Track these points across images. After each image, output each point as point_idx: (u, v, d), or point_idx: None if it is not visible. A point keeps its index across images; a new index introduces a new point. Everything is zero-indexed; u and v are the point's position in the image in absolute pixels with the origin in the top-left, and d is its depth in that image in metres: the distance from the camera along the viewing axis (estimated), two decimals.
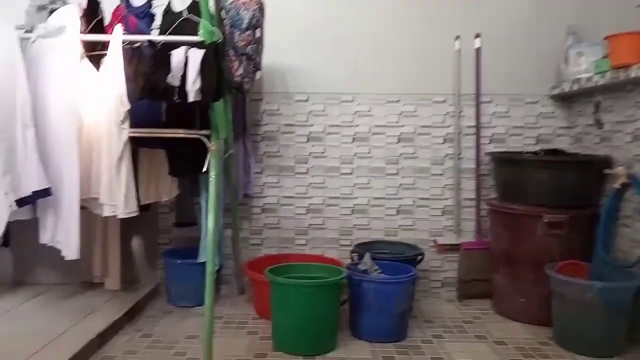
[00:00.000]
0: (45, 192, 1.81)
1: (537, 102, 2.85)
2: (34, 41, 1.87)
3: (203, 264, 2.39)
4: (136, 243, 2.81)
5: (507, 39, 2.83)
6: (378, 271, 2.38)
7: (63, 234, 1.87)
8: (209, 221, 2.11)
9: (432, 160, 2.87)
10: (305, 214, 2.90)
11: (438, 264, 2.88)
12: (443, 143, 2.87)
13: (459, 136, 2.84)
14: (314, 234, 2.90)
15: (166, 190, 2.41)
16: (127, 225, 2.60)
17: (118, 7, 2.25)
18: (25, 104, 1.79)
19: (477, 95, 2.84)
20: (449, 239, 2.87)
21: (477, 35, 2.82)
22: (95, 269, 2.61)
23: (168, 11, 2.24)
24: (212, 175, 2.10)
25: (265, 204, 2.89)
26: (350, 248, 2.74)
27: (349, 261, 2.62)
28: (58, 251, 1.99)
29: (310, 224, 2.90)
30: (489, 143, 2.85)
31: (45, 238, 1.90)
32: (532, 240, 2.39)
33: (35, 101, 1.84)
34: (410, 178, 2.87)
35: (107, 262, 2.59)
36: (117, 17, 2.22)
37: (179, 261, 2.61)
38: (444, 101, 2.86)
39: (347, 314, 2.30)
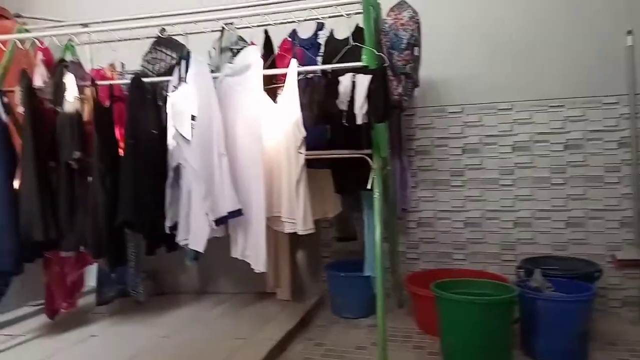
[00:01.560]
0: (237, 213, 2.05)
1: None
2: (222, 80, 2.13)
3: (366, 277, 2.50)
4: (301, 256, 3.01)
5: None
6: (551, 289, 2.25)
7: (252, 249, 2.09)
8: (376, 236, 2.20)
9: (605, 167, 2.63)
10: (462, 227, 2.85)
11: (617, 282, 2.62)
12: (618, 148, 2.62)
13: (637, 140, 2.57)
14: (473, 249, 2.83)
15: (331, 207, 2.55)
16: (294, 240, 2.81)
17: (284, 40, 2.46)
18: (220, 135, 2.05)
19: None
20: (630, 253, 2.59)
21: None
22: (269, 281, 2.84)
23: (330, 39, 2.39)
24: (376, 192, 2.18)
25: (421, 218, 2.91)
26: (515, 264, 2.62)
27: (514, 278, 2.51)
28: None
29: (468, 238, 2.84)
30: None
31: (236, 252, 2.14)
32: None
33: (226, 132, 2.09)
34: (580, 188, 2.67)
35: (278, 274, 2.82)
36: (284, 49, 2.42)
37: (342, 274, 2.74)
38: (616, 103, 2.61)
39: (518, 332, 2.21)
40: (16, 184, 2.18)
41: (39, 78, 2.28)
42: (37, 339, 2.48)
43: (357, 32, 2.17)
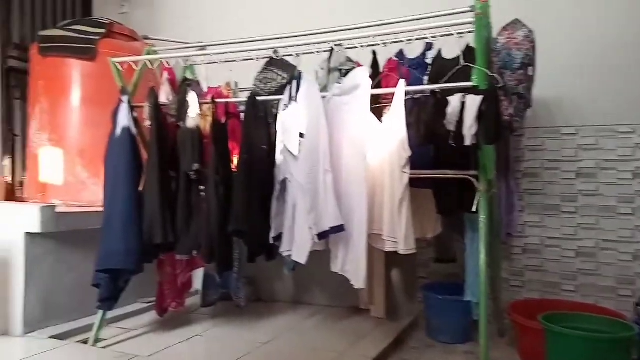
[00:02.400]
0: (339, 228, 2.09)
1: None
2: (330, 99, 2.20)
3: (466, 302, 2.42)
4: (397, 275, 2.99)
5: None
6: None
7: (352, 264, 2.12)
8: (480, 261, 2.13)
9: None
10: (573, 257, 2.66)
11: None
12: None
13: None
14: (585, 280, 2.64)
15: (431, 227, 2.51)
16: (390, 258, 2.79)
17: (390, 60, 2.48)
18: (326, 152, 2.11)
19: None
20: None
21: None
22: (363, 297, 2.86)
23: (438, 58, 2.38)
24: (482, 216, 2.12)
25: (527, 244, 2.77)
26: (633, 299, 2.40)
27: (632, 315, 2.30)
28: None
29: (579, 269, 2.65)
30: None
31: (336, 267, 2.18)
32: None
33: (331, 149, 2.15)
34: None
35: (373, 291, 2.82)
36: (390, 69, 2.45)
37: (440, 297, 2.68)
38: None
39: None
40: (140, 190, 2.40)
41: (164, 95, 2.51)
42: (147, 334, 2.68)
43: (467, 52, 2.13)
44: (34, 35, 3.56)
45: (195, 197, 2.37)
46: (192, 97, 2.35)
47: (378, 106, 2.25)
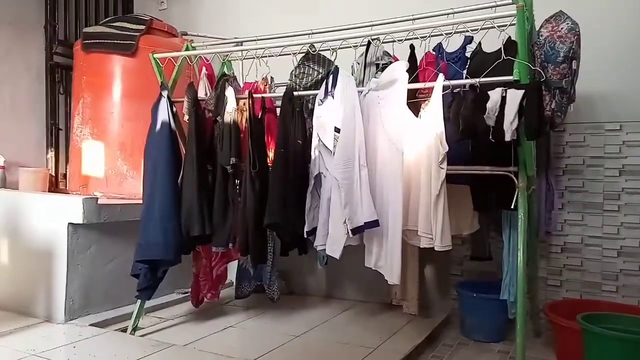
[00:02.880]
0: (374, 223, 2.08)
1: None
2: (366, 93, 2.19)
3: (501, 300, 2.38)
4: (430, 271, 2.96)
5: None
6: None
7: (386, 260, 2.11)
8: (518, 259, 2.09)
9: None
10: (615, 257, 2.58)
11: None
12: None
13: None
14: (628, 281, 2.55)
15: (467, 224, 2.47)
16: (424, 254, 2.77)
17: (428, 53, 2.44)
18: (362, 148, 2.11)
19: None
20: None
21: None
22: (395, 293, 2.84)
23: (478, 52, 2.33)
24: (521, 213, 2.07)
25: (566, 242, 2.69)
26: None
27: None
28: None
29: (622, 269, 2.57)
30: None
31: (370, 262, 2.18)
32: None
33: (367, 144, 2.14)
34: None
35: (406, 287, 2.81)
36: (428, 63, 2.41)
37: (474, 294, 2.64)
38: None
39: None
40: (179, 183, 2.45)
41: (203, 90, 2.55)
42: (183, 324, 2.75)
43: (509, 45, 2.08)
44: (78, 32, 3.67)
45: (232, 191, 2.41)
46: (229, 92, 2.38)
47: (415, 101, 2.22)
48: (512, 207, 2.08)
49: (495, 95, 1.97)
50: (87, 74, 3.24)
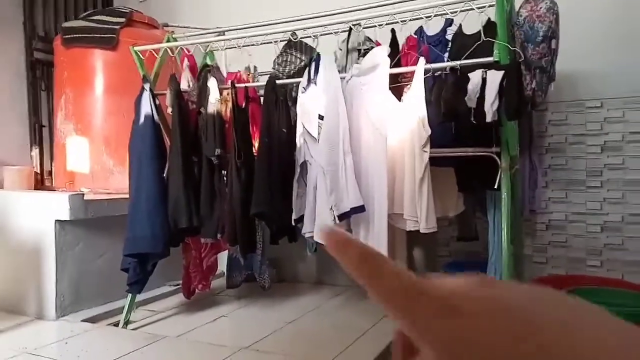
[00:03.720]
0: (360, 209, 2.11)
1: None
2: (349, 80, 2.20)
3: None
4: (418, 254, 3.00)
5: None
6: None
7: (373, 244, 2.13)
8: (502, 238, 2.12)
9: None
10: (599, 232, 2.63)
11: None
12: None
13: None
14: (611, 255, 2.60)
15: (452, 206, 2.50)
16: (411, 237, 2.80)
17: (410, 37, 2.45)
18: (345, 134, 2.12)
19: None
20: None
21: None
22: None
23: (458, 34, 2.34)
24: (504, 192, 2.10)
25: (551, 220, 2.74)
26: None
27: None
28: None
29: (605, 244, 2.62)
30: None
31: None
32: None
33: (350, 130, 2.15)
34: None
35: None
36: (410, 47, 2.42)
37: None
38: None
39: None
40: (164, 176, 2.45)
41: (185, 82, 2.53)
42: (175, 315, 2.76)
43: (488, 27, 2.09)
44: (58, 27, 3.62)
45: (218, 182, 2.41)
46: (212, 83, 2.37)
47: (398, 85, 2.24)
48: (496, 187, 2.11)
49: (475, 77, 1.99)
50: (68, 69, 3.20)
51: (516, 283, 0.24)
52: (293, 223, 2.35)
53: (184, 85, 2.52)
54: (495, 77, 1.91)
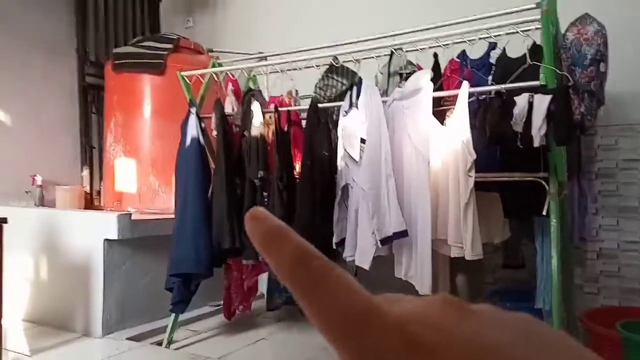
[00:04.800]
0: (403, 233, 2.08)
1: None
2: (390, 103, 2.20)
3: (536, 309, 2.33)
4: (461, 280, 2.92)
5: None
6: None
7: (416, 270, 2.10)
8: (552, 267, 2.05)
9: None
10: None
11: None
12: None
13: None
14: None
15: (498, 232, 2.43)
16: (455, 263, 2.73)
17: (452, 61, 2.43)
18: (388, 157, 2.11)
19: None
20: None
21: None
22: None
23: (502, 58, 2.32)
24: (553, 220, 2.04)
25: (602, 248, 2.62)
26: None
27: None
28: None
29: None
30: None
31: (400, 273, 2.17)
32: None
33: (392, 154, 2.14)
34: None
35: None
36: (452, 70, 2.41)
37: (508, 303, 2.59)
38: None
39: None
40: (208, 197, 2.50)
41: (229, 106, 2.60)
42: (216, 336, 2.79)
43: (534, 50, 2.06)
44: (108, 53, 3.80)
45: (260, 203, 2.44)
46: (256, 107, 2.42)
47: (440, 109, 2.22)
48: (544, 213, 2.05)
49: (522, 100, 1.95)
50: (118, 93, 3.35)
51: (491, 309, 0.20)
52: (334, 246, 2.35)
53: (228, 109, 2.58)
54: (542, 101, 1.87)
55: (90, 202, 3.64)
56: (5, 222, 2.18)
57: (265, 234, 0.21)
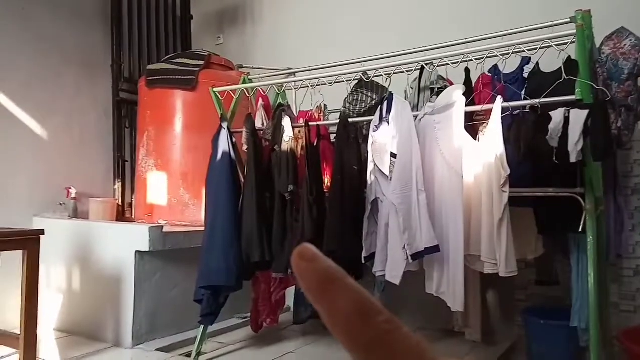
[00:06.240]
0: (434, 249, 2.06)
1: None
2: (422, 118, 2.20)
3: (572, 328, 2.27)
4: (493, 297, 2.87)
5: None
6: None
7: (448, 286, 2.07)
8: (589, 284, 2.00)
9: None
10: None
11: None
12: None
13: None
14: None
15: (531, 248, 2.39)
16: (487, 279, 2.69)
17: (483, 75, 2.42)
18: (419, 172, 2.10)
19: None
20: None
21: None
22: (457, 319, 2.77)
23: (535, 72, 2.29)
24: (590, 237, 1.99)
25: (639, 266, 2.54)
26: None
27: None
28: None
29: None
30: None
31: (431, 289, 2.14)
32: None
33: (424, 169, 2.13)
34: None
35: (468, 314, 2.72)
36: (484, 85, 2.39)
37: (542, 321, 2.53)
38: None
39: None
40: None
41: (260, 120, 2.64)
42: (244, 349, 2.79)
43: (568, 64, 2.04)
44: (142, 69, 3.91)
45: (290, 217, 2.45)
46: (286, 122, 2.45)
47: (473, 124, 2.21)
48: (581, 230, 2.00)
49: (557, 115, 1.92)
50: (151, 108, 3.42)
51: None
52: (363, 261, 2.34)
53: (258, 124, 2.62)
54: (579, 116, 1.84)
55: (122, 214, 3.71)
56: (42, 234, 2.24)
57: (320, 281, 0.21)
